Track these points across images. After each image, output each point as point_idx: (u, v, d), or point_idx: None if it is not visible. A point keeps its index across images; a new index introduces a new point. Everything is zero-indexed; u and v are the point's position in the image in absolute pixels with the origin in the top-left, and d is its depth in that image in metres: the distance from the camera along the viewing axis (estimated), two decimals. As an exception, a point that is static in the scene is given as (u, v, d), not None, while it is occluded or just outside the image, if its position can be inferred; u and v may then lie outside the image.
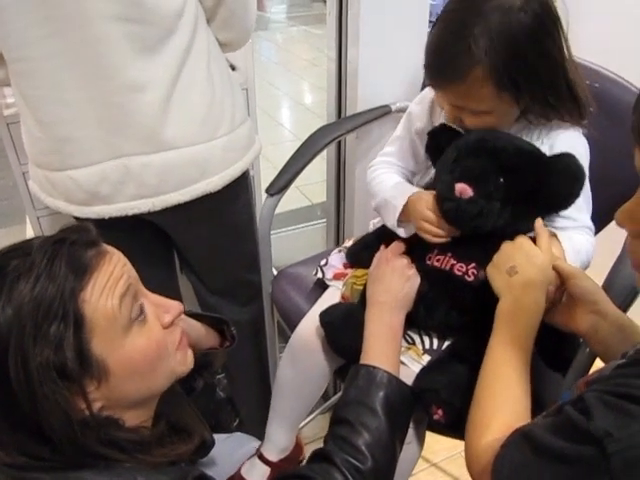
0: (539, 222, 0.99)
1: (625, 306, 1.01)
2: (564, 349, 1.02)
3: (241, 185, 1.41)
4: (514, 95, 1.02)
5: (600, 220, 1.14)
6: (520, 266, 0.92)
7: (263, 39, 6.68)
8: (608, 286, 1.04)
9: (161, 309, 0.82)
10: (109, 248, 0.78)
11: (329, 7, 1.66)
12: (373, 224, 1.36)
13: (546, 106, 1.07)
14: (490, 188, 1.00)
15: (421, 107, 1.26)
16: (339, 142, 1.76)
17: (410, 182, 1.29)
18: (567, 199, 1.03)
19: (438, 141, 1.12)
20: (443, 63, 1.03)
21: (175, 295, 1.63)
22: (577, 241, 1.09)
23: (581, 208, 1.10)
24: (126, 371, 0.74)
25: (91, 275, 0.72)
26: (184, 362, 0.85)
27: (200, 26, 1.22)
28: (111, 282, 0.73)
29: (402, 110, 1.63)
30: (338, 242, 1.97)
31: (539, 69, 1.01)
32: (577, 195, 1.02)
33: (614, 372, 0.69)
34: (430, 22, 1.64)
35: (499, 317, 0.90)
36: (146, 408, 0.82)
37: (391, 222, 1.18)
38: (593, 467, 0.57)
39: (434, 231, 1.08)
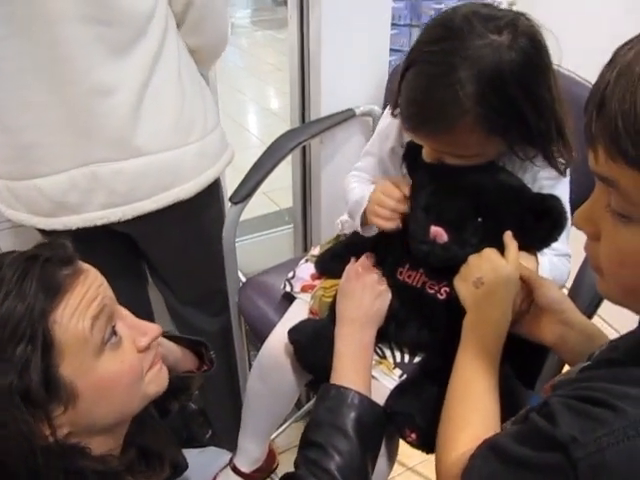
0: (508, 234, 0.97)
1: (591, 311, 1.01)
2: (533, 361, 1.01)
3: (213, 193, 1.39)
4: (503, 138, 0.96)
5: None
6: (486, 278, 0.91)
7: (228, 44, 6.62)
8: (574, 291, 1.04)
9: (137, 331, 0.79)
10: (85, 266, 0.75)
11: (290, 11, 1.64)
12: (341, 222, 1.34)
13: (535, 148, 1.00)
14: (466, 235, 0.97)
15: (391, 124, 1.19)
16: (304, 147, 1.74)
17: None
18: (544, 242, 1.01)
19: (415, 154, 1.06)
20: (428, 114, 0.93)
21: (145, 307, 1.61)
22: (554, 262, 1.07)
23: (562, 239, 1.08)
24: (96, 395, 0.71)
25: (63, 295, 0.69)
26: (158, 382, 0.82)
27: (170, 30, 1.20)
28: (84, 303, 0.70)
29: (366, 114, 1.63)
30: (306, 248, 1.96)
31: (528, 112, 0.92)
32: (555, 239, 0.99)
33: (579, 375, 0.69)
34: (393, 25, 1.64)
35: (466, 329, 0.90)
36: (116, 433, 0.79)
37: (357, 221, 1.16)
38: (560, 473, 0.57)
39: (385, 214, 1.05)
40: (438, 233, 0.96)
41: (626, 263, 0.58)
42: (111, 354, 0.73)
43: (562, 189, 1.06)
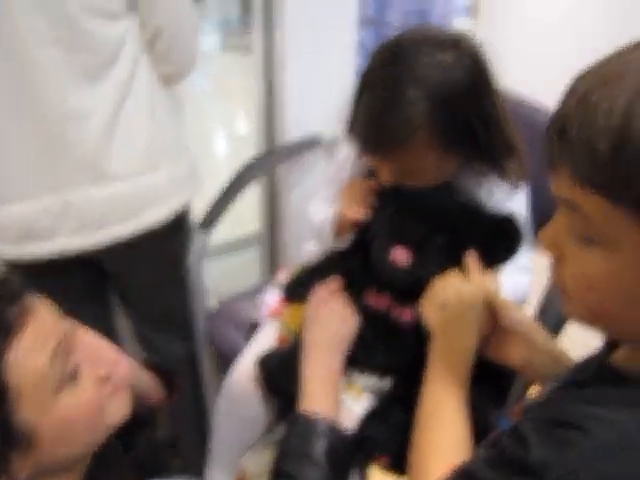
0: (470, 256, 0.97)
1: (557, 330, 1.02)
2: (502, 382, 1.01)
3: (183, 218, 1.38)
4: (457, 154, 0.98)
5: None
6: (451, 302, 0.90)
7: (196, 68, 6.62)
8: (540, 311, 1.04)
9: (98, 360, 0.76)
10: (36, 300, 0.71)
11: (255, 37, 1.66)
12: (308, 249, 1.34)
13: (487, 164, 1.03)
14: (428, 256, 0.97)
15: (346, 153, 1.22)
16: (271, 172, 1.74)
17: None
18: (503, 260, 1.01)
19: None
20: (383, 135, 0.95)
21: (112, 333, 1.58)
22: (515, 280, 1.09)
23: (523, 252, 1.09)
24: (58, 434, 0.68)
25: (15, 335, 0.65)
26: (119, 411, 0.78)
27: (142, 57, 1.20)
28: (38, 341, 0.67)
29: (332, 139, 1.63)
30: (274, 271, 1.95)
31: (478, 126, 0.96)
32: (509, 259, 1.00)
33: (548, 398, 0.70)
34: (359, 51, 1.66)
35: (433, 354, 0.89)
36: (75, 470, 0.75)
37: (327, 237, 1.17)
38: None
39: (354, 206, 1.06)
40: (401, 256, 0.96)
41: (591, 286, 0.58)
42: (71, 389, 0.70)
43: (519, 202, 1.09)
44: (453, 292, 0.91)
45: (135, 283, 1.44)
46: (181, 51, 1.29)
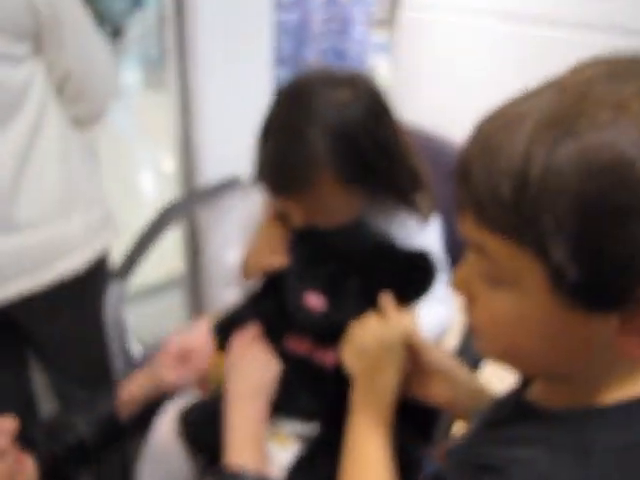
0: (385, 298, 0.97)
1: (477, 366, 1.03)
2: (427, 420, 1.01)
3: (100, 265, 1.34)
4: (362, 188, 1.00)
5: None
6: (369, 347, 0.90)
7: (116, 106, 6.53)
8: (461, 347, 1.05)
9: None
10: None
11: (170, 77, 1.64)
12: (228, 298, 1.31)
13: (394, 197, 1.05)
14: (342, 299, 0.97)
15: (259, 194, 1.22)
16: (191, 216, 1.72)
17: None
18: (418, 295, 1.01)
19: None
20: (286, 176, 0.97)
21: (26, 391, 1.50)
22: (434, 310, 1.10)
23: (437, 283, 1.11)
24: None
25: None
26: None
27: (51, 101, 1.17)
28: None
29: (252, 181, 1.62)
30: (197, 314, 1.91)
31: (379, 160, 0.98)
32: (430, 289, 1.00)
33: (469, 440, 0.70)
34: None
35: (355, 400, 0.89)
36: None
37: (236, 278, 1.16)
38: None
39: (266, 260, 1.06)
40: (314, 301, 0.96)
41: (501, 326, 0.59)
42: None
43: (431, 235, 1.12)
44: (371, 336, 0.91)
45: (52, 336, 1.38)
46: (93, 93, 1.26)
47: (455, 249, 1.15)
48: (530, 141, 0.48)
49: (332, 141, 0.94)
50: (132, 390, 1.08)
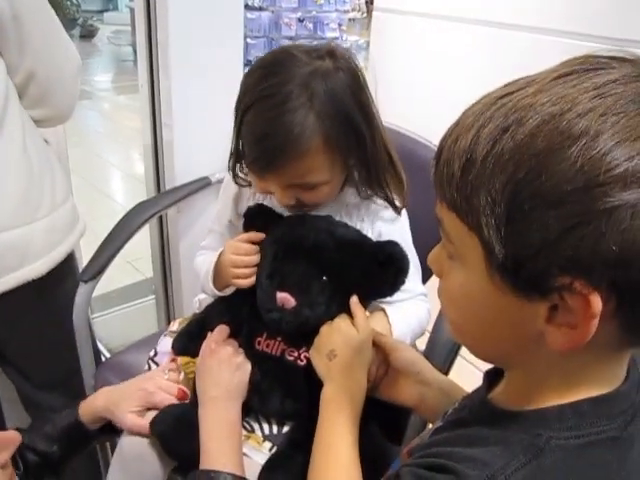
0: (354, 300, 0.99)
1: (448, 365, 1.03)
2: (398, 419, 1.01)
3: (66, 267, 1.30)
4: (346, 159, 1.01)
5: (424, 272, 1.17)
6: (338, 349, 0.92)
7: (87, 108, 6.49)
8: (431, 346, 1.06)
9: None
10: None
11: (141, 79, 1.62)
12: (199, 301, 1.30)
13: (370, 175, 1.06)
14: (313, 296, 0.97)
15: (224, 199, 1.23)
16: (161, 216, 1.70)
17: None
18: (392, 288, 1.02)
19: (254, 223, 1.07)
20: (277, 145, 0.94)
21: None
22: (409, 311, 1.10)
23: (412, 279, 1.11)
24: None
25: None
26: None
27: (12, 102, 1.13)
28: None
29: (222, 181, 1.61)
30: (169, 319, 1.89)
31: (364, 128, 0.99)
32: (402, 283, 1.01)
33: (430, 439, 0.70)
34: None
35: (323, 402, 0.90)
36: None
37: (209, 287, 1.14)
38: None
39: (242, 273, 1.04)
40: (285, 299, 0.96)
41: (452, 301, 0.63)
42: None
43: (401, 228, 1.13)
44: (340, 340, 0.93)
45: (17, 341, 1.34)
46: (57, 98, 1.23)
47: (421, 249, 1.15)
48: (484, 125, 0.51)
49: (323, 108, 0.93)
50: (90, 412, 1.08)
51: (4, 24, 1.09)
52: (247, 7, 1.75)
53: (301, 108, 0.92)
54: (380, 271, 1.00)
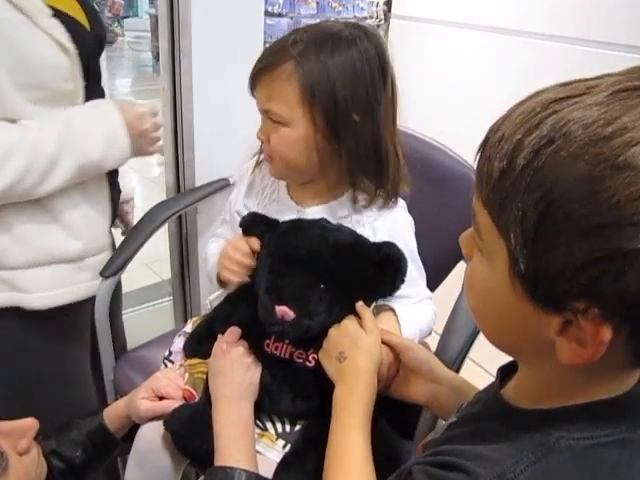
0: (359, 303, 1.00)
1: (458, 365, 1.05)
2: (409, 415, 1.02)
3: None
4: (317, 124, 1.03)
5: (435, 278, 1.18)
6: (348, 351, 0.93)
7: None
8: (442, 345, 1.07)
9: (15, 436, 0.75)
10: None
11: (162, 82, 1.65)
12: (210, 302, 1.32)
13: (362, 166, 1.08)
14: (311, 306, 0.97)
15: (236, 190, 1.27)
16: (180, 217, 1.72)
17: None
18: (392, 288, 1.03)
19: (250, 231, 1.09)
20: (262, 61, 1.05)
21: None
22: (416, 312, 1.11)
23: (415, 282, 1.13)
24: None
25: None
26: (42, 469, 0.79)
27: None
28: None
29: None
30: (186, 320, 1.90)
31: (356, 108, 1.02)
32: (402, 282, 1.02)
33: (444, 435, 0.71)
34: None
35: (335, 402, 0.91)
36: None
37: (214, 280, 1.17)
38: None
39: (232, 267, 1.08)
40: (284, 312, 0.96)
41: (472, 288, 0.63)
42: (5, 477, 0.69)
43: (401, 231, 1.14)
44: (349, 342, 0.94)
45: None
46: None
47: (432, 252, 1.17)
48: (531, 132, 0.50)
49: (308, 47, 1.01)
50: (114, 416, 1.11)
51: None
52: (267, 13, 1.79)
53: (293, 40, 1.01)
54: (378, 272, 1.01)
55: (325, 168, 1.10)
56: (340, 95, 1.00)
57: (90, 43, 1.18)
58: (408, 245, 1.12)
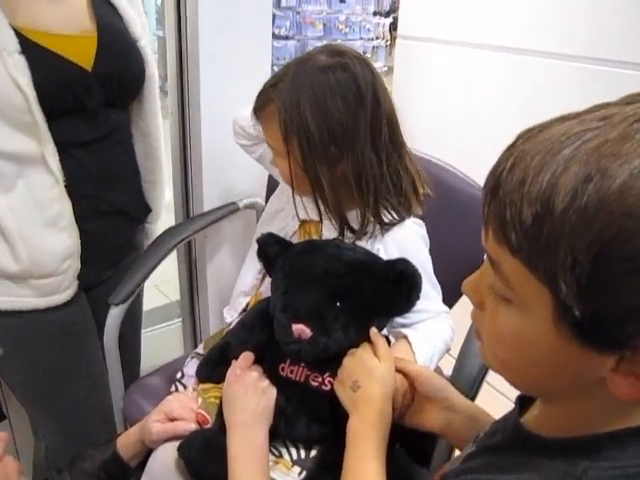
0: (373, 331, 1.00)
1: (474, 392, 1.03)
2: (425, 442, 1.01)
3: None
4: (292, 149, 1.05)
5: (451, 296, 1.17)
6: (362, 380, 0.92)
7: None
8: (456, 373, 1.06)
9: None
10: None
11: (170, 106, 1.65)
12: (228, 313, 1.32)
13: (343, 195, 1.08)
14: (328, 323, 0.97)
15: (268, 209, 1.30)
16: (189, 241, 1.72)
17: None
18: (407, 304, 1.03)
19: (266, 251, 1.10)
20: (256, 100, 1.12)
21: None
22: (432, 331, 1.11)
23: (430, 297, 1.12)
24: None
25: None
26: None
27: None
28: None
29: (250, 206, 1.64)
30: (196, 343, 1.90)
31: (332, 140, 1.03)
32: (417, 298, 1.02)
33: (464, 465, 0.70)
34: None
35: (349, 433, 0.90)
36: None
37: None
38: None
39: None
40: (301, 330, 0.96)
41: (501, 340, 0.59)
42: None
43: (412, 249, 1.13)
44: (362, 370, 0.94)
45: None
46: None
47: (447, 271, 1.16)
48: (562, 171, 0.47)
49: (287, 87, 1.04)
50: (128, 442, 1.10)
51: None
52: (274, 36, 1.80)
53: (288, 80, 1.04)
54: (393, 289, 1.01)
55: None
56: (312, 130, 1.02)
57: (83, 82, 1.18)
58: (419, 259, 1.11)
